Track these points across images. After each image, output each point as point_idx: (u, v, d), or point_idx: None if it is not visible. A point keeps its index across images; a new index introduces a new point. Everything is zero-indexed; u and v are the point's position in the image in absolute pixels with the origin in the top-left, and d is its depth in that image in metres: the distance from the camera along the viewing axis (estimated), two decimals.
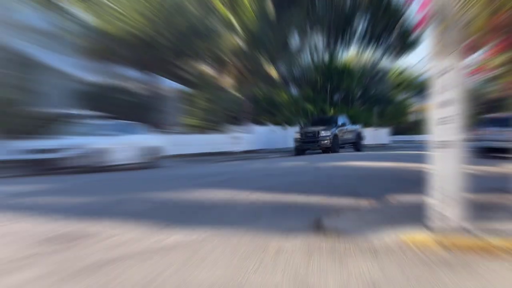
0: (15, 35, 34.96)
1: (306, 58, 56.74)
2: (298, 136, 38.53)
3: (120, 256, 6.83)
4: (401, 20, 18.44)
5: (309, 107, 47.84)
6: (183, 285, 5.53)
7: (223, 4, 44.03)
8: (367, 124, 55.08)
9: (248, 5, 41.52)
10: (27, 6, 30.86)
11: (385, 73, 67.31)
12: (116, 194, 13.63)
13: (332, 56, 54.06)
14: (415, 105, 66.98)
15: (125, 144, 24.10)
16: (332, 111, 51.15)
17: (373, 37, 51.41)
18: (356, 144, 41.27)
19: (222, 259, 6.68)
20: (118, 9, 34.62)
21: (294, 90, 52.56)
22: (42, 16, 30.97)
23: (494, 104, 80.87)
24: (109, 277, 5.86)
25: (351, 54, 68.66)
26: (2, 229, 8.78)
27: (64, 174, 22.41)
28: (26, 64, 32.66)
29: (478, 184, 15.18)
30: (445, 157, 7.91)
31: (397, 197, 12.65)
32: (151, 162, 25.11)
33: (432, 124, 7.94)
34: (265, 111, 45.05)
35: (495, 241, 7.35)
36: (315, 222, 9.40)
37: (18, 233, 8.44)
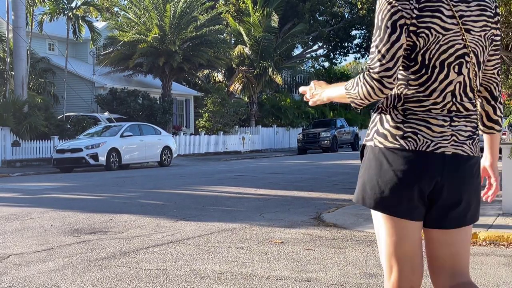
0: (43, 45, 35.03)
1: (307, 66, 56.73)
2: (300, 137, 38.58)
3: (136, 248, 6.81)
4: None
5: (310, 110, 47.74)
6: (194, 275, 5.49)
7: (233, 18, 44.01)
8: (364, 126, 54.97)
9: (255, 18, 41.49)
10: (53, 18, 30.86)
11: None
12: (134, 190, 13.63)
13: (331, 63, 54.00)
14: None
15: (141, 144, 24.11)
16: (331, 114, 51.03)
17: (369, 45, 51.36)
18: (354, 144, 41.25)
19: (230, 251, 6.64)
20: (137, 21, 34.64)
21: (296, 95, 52.60)
22: (67, 27, 30.98)
23: None
24: (126, 267, 5.83)
25: (349, 61, 68.63)
26: (30, 222, 8.77)
27: (87, 171, 22.44)
28: (52, 71, 32.73)
29: None
30: None
31: None
32: (165, 161, 25.10)
33: None
34: (270, 114, 44.97)
35: (480, 233, 7.31)
36: (316, 216, 9.37)
37: (44, 226, 8.43)
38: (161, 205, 10.77)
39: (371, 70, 2.33)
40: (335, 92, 2.53)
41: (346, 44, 52.87)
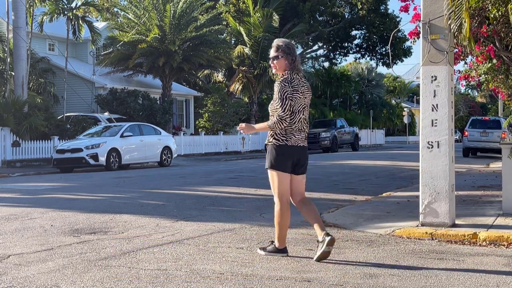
0: (43, 45, 35.02)
1: (307, 66, 56.73)
2: None
3: (136, 248, 6.81)
4: (395, 30, 18.38)
5: (311, 110, 47.72)
6: (194, 276, 5.49)
7: (233, 18, 43.99)
8: (363, 126, 54.92)
9: (255, 18, 41.48)
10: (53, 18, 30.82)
11: (380, 79, 67.09)
12: (134, 191, 13.62)
13: (331, 63, 54.04)
14: (408, 108, 66.74)
15: (141, 144, 24.10)
16: (331, 114, 51.03)
17: (369, 46, 51.42)
18: (354, 144, 41.23)
19: (230, 251, 6.64)
20: (137, 21, 34.63)
21: None
22: (67, 27, 30.95)
23: (480, 108, 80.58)
24: (126, 268, 5.83)
25: (349, 61, 68.57)
26: (30, 222, 8.77)
27: (87, 171, 22.43)
28: (52, 71, 32.74)
29: (466, 181, 15.13)
30: (435, 156, 7.86)
31: (391, 193, 12.61)
32: (165, 161, 25.10)
33: (423, 126, 7.89)
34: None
35: (480, 233, 7.30)
36: None
37: (44, 226, 8.43)
38: (161, 205, 10.76)
39: (280, 116, 5.95)
40: (261, 127, 6.34)
41: (346, 44, 52.84)
